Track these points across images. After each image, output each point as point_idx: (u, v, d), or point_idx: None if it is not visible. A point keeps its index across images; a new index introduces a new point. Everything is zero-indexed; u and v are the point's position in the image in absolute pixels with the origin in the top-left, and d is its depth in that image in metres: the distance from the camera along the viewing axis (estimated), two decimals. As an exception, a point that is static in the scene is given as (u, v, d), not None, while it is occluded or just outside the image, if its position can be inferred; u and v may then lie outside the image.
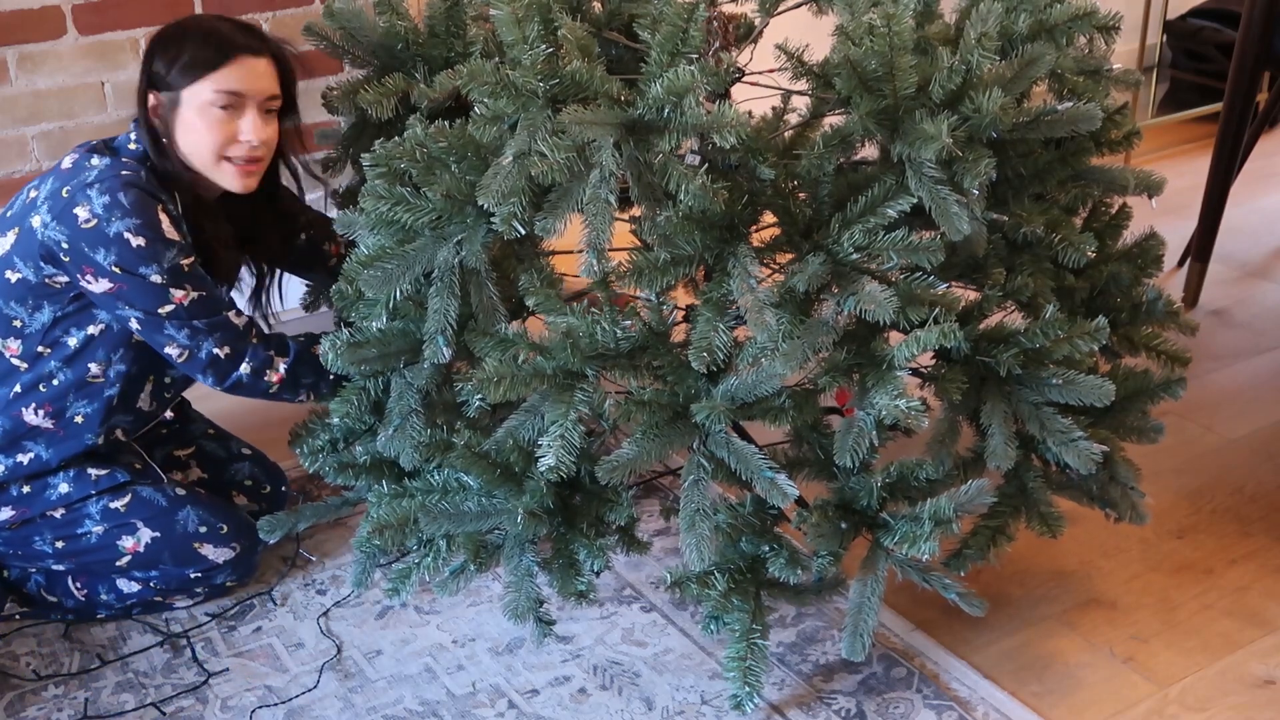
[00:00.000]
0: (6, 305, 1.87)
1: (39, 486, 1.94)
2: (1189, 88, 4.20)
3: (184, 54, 1.85)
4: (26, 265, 1.85)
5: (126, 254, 1.79)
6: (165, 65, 1.85)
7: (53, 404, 1.90)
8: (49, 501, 1.94)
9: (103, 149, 1.89)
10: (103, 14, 2.62)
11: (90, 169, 1.82)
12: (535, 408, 1.61)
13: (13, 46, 2.55)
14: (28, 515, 1.94)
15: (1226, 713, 1.78)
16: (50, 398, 1.90)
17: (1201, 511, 2.21)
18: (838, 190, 1.59)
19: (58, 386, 1.90)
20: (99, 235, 1.78)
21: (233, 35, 1.88)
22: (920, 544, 1.59)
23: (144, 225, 1.79)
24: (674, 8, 1.51)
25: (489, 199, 1.49)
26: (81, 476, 1.95)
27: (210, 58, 1.85)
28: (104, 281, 1.81)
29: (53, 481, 1.94)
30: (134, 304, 1.82)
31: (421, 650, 1.94)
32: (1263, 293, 3.01)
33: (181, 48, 1.85)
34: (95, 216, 1.78)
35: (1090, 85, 1.75)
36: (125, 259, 1.79)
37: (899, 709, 1.79)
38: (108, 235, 1.78)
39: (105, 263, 1.79)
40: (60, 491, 1.94)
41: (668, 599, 2.02)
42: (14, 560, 1.99)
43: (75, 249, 1.79)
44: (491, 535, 1.72)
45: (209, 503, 2.02)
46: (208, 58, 1.85)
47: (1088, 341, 1.64)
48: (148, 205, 1.80)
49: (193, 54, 1.85)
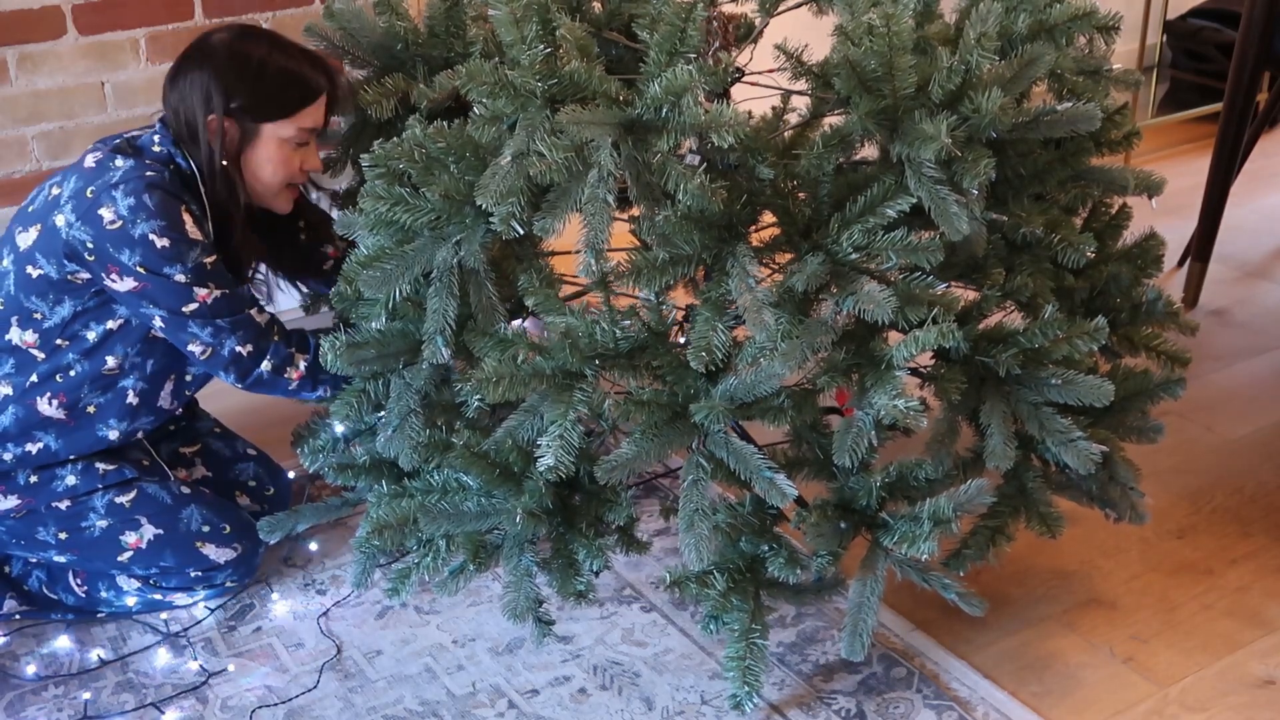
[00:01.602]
0: (27, 299, 1.88)
1: (46, 477, 1.94)
2: (1189, 88, 4.19)
3: (270, 92, 1.87)
4: (49, 262, 1.85)
5: (151, 255, 1.80)
6: (247, 99, 1.86)
7: (67, 395, 1.91)
8: (55, 493, 1.94)
9: (126, 149, 1.89)
10: (103, 14, 2.62)
11: (115, 169, 1.83)
12: (534, 408, 1.61)
13: (13, 46, 2.55)
14: (33, 505, 1.94)
15: (1226, 713, 1.78)
16: (65, 389, 1.91)
17: (1201, 511, 2.21)
18: (837, 190, 1.59)
19: (74, 378, 1.91)
20: (124, 236, 1.79)
21: (315, 77, 1.90)
22: (919, 544, 1.59)
23: (168, 226, 1.80)
24: (672, 8, 1.51)
25: (487, 199, 1.49)
26: (89, 470, 1.95)
27: (296, 101, 1.88)
28: (129, 280, 1.82)
29: (60, 473, 1.95)
30: (158, 302, 1.84)
31: (421, 650, 1.94)
32: (1263, 293, 3.01)
33: (266, 85, 1.86)
34: (120, 218, 1.79)
35: (1090, 85, 1.75)
36: (150, 259, 1.80)
37: (899, 709, 1.79)
38: (133, 237, 1.79)
39: (130, 263, 1.80)
40: (67, 483, 1.94)
41: (668, 599, 2.02)
42: (16, 549, 2.00)
43: (100, 249, 1.80)
44: (491, 535, 1.72)
45: (212, 502, 2.03)
46: (295, 100, 1.88)
47: (1087, 341, 1.64)
48: (171, 207, 1.81)
49: (281, 95, 1.87)
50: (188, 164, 1.89)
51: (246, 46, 1.88)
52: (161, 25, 2.68)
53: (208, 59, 1.87)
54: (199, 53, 1.88)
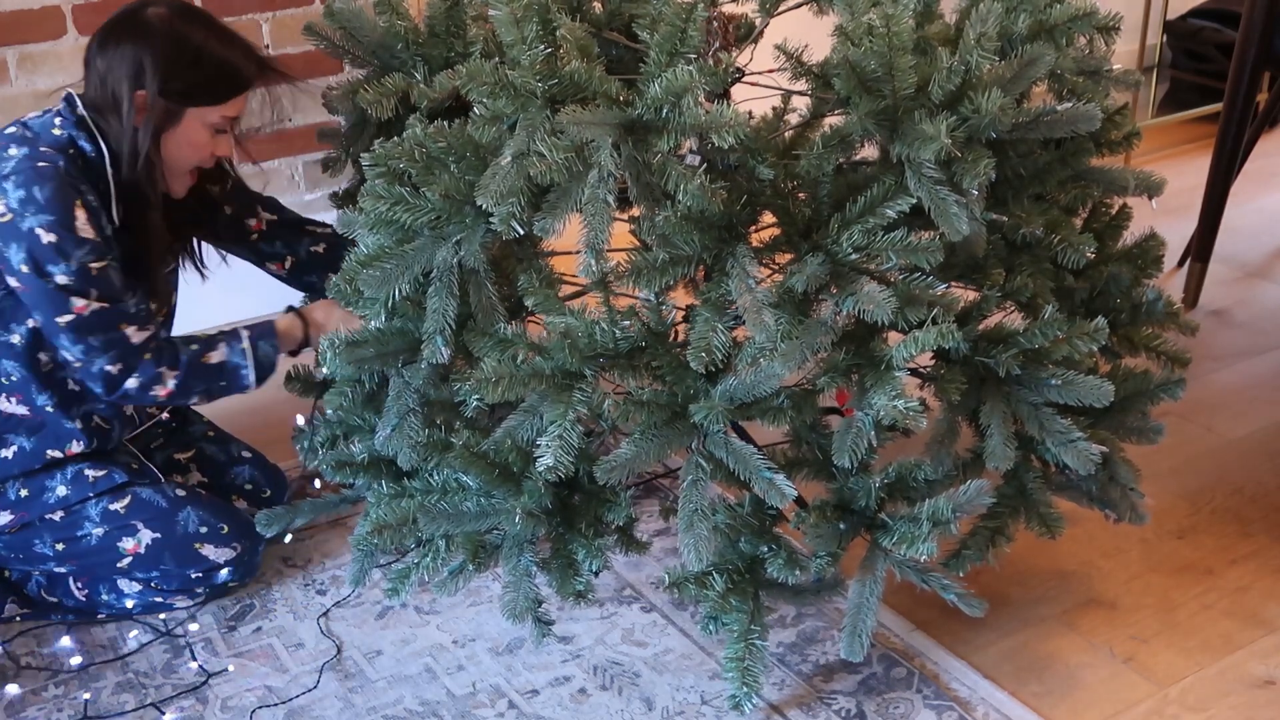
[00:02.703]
0: None
1: (37, 489, 1.94)
2: (1189, 88, 4.19)
3: (204, 79, 1.86)
4: None
5: (37, 249, 1.77)
6: (181, 83, 1.84)
7: (20, 393, 1.91)
8: (47, 504, 1.94)
9: (20, 137, 1.84)
10: (103, 14, 2.60)
11: (8, 159, 1.80)
12: (534, 408, 1.61)
13: (13, 46, 2.55)
14: (27, 519, 1.94)
15: (1226, 713, 1.78)
16: (15, 389, 1.91)
17: (1201, 511, 2.21)
18: (837, 190, 1.59)
19: (18, 380, 1.91)
20: (13, 230, 1.76)
21: (247, 67, 1.90)
22: (919, 544, 1.59)
23: (56, 222, 1.77)
24: (673, 8, 1.51)
25: (488, 199, 1.49)
26: (79, 478, 1.95)
27: (227, 89, 1.88)
28: (13, 279, 1.80)
29: (49, 484, 1.94)
30: (36, 307, 1.82)
31: (421, 650, 1.94)
32: (1263, 293, 3.01)
33: (201, 70, 1.85)
34: (10, 211, 1.76)
35: (1090, 86, 1.75)
36: (35, 255, 1.77)
37: (899, 709, 1.79)
38: (20, 230, 1.76)
39: (16, 260, 1.78)
40: (58, 494, 1.94)
41: (667, 599, 2.02)
42: (16, 564, 1.99)
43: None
44: (490, 535, 1.72)
45: (209, 503, 2.02)
46: (226, 89, 1.88)
47: (1087, 342, 1.64)
48: (64, 200, 1.78)
49: (213, 82, 1.87)
50: (93, 146, 1.85)
51: (186, 29, 1.86)
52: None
53: (145, 35, 1.84)
54: (135, 25, 1.85)
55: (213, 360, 1.93)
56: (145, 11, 1.86)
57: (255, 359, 1.96)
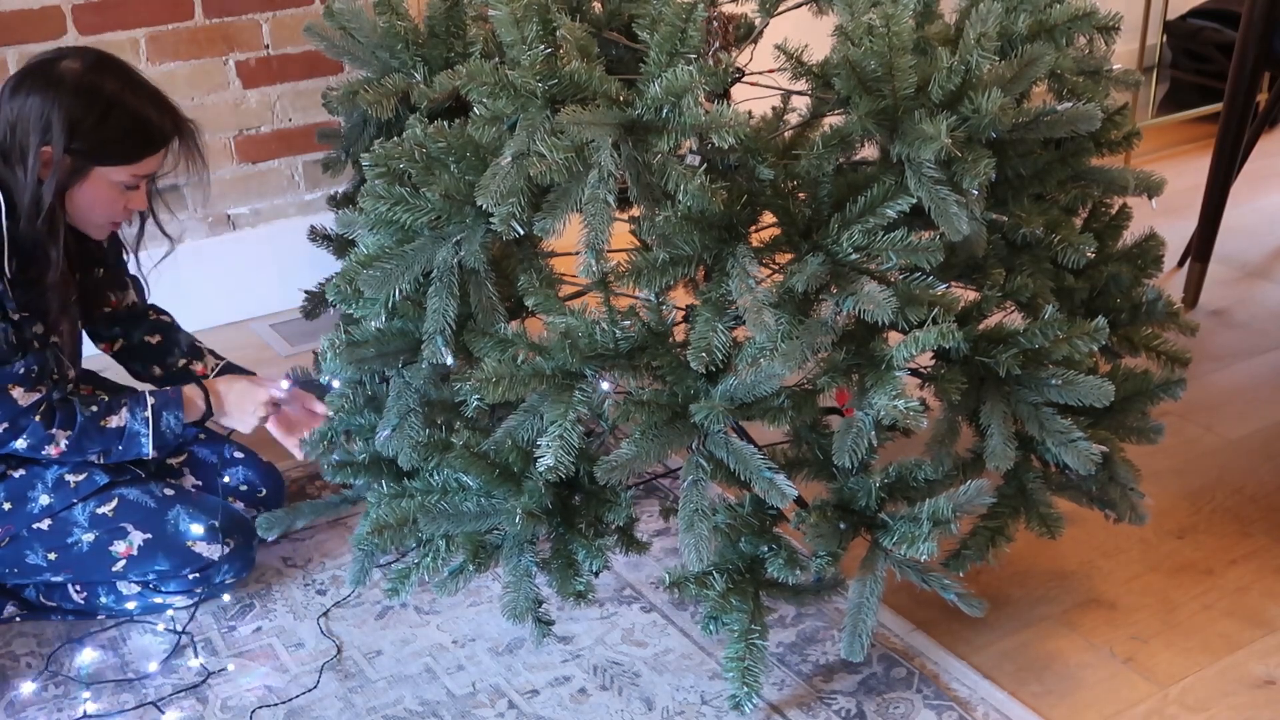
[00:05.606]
0: None
1: (20, 501, 1.93)
2: (1189, 88, 4.20)
3: (113, 137, 1.83)
4: None
5: None
6: (88, 141, 1.81)
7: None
8: (32, 515, 1.93)
9: None
10: (103, 14, 2.63)
11: None
12: (534, 408, 1.61)
13: (13, 46, 2.55)
14: (14, 531, 1.93)
15: (1226, 713, 1.78)
16: None
17: (1201, 511, 2.21)
18: (837, 190, 1.59)
19: None
20: None
21: (161, 125, 1.87)
22: (919, 544, 1.59)
23: None
24: (673, 8, 1.51)
25: (488, 199, 1.49)
26: (60, 485, 1.94)
27: (138, 149, 1.86)
28: None
29: (32, 495, 1.93)
30: None
31: (421, 650, 1.94)
32: (1263, 293, 3.01)
33: (110, 129, 1.82)
34: None
35: (1090, 85, 1.75)
36: None
37: (899, 709, 1.79)
38: None
39: None
40: (42, 503, 1.93)
41: (668, 599, 2.02)
42: (13, 578, 1.98)
43: None
44: (490, 535, 1.72)
45: (198, 500, 2.01)
46: (136, 148, 1.85)
47: (1087, 342, 1.64)
48: None
49: (122, 142, 1.84)
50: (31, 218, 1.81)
51: (99, 83, 1.82)
52: (161, 25, 2.68)
53: (55, 86, 1.80)
54: (47, 77, 1.81)
55: (111, 425, 1.93)
56: (60, 64, 1.83)
57: (155, 429, 1.95)
